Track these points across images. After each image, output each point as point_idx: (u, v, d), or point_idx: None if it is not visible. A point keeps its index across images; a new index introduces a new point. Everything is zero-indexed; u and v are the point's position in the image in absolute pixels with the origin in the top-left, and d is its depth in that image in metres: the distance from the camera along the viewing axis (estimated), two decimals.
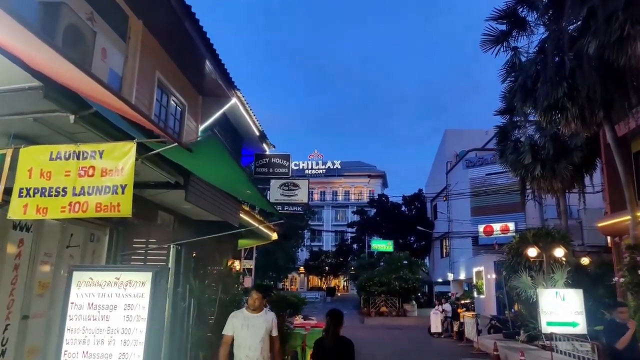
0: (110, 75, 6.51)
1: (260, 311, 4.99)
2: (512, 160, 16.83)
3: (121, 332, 3.32)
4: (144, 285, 3.39)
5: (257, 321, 4.87)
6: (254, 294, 5.05)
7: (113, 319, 3.36)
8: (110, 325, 3.35)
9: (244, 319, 4.89)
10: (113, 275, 3.48)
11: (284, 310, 10.94)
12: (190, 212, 9.78)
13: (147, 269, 3.64)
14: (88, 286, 3.43)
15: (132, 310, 3.36)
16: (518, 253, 15.14)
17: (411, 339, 18.18)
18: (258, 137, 14.74)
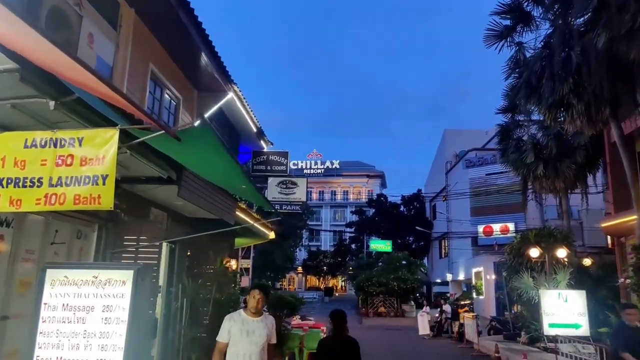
0: (100, 64, 6.21)
1: (260, 315, 4.33)
2: (514, 159, 16.56)
3: (99, 336, 3.02)
4: (124, 285, 3.09)
5: (257, 326, 4.21)
6: (255, 293, 4.29)
7: (90, 322, 3.05)
8: (86, 329, 3.04)
9: (243, 324, 4.18)
10: (90, 273, 3.18)
11: (282, 310, 10.64)
12: (184, 209, 9.49)
13: (128, 267, 3.33)
14: (63, 285, 3.13)
15: (111, 312, 3.05)
16: (519, 253, 14.88)
17: (410, 340, 17.90)
18: (255, 134, 14.44)
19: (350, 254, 52.22)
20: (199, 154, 4.45)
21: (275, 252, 43.60)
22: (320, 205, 67.61)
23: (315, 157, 68.26)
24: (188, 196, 7.78)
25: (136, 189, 7.71)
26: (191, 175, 7.81)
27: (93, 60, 5.76)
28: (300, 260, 55.92)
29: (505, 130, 17.28)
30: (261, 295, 4.32)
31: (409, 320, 26.30)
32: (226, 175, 5.26)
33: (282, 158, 14.99)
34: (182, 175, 7.41)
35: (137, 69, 8.22)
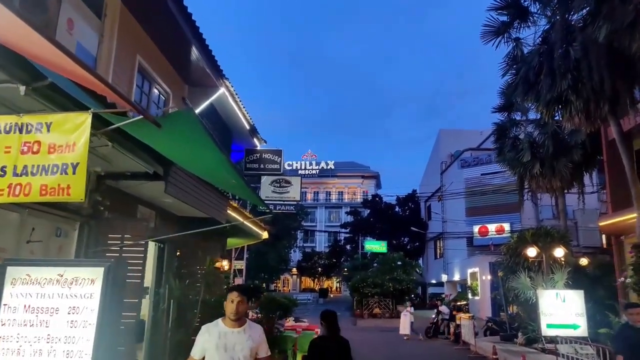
0: (82, 53, 5.90)
1: (243, 323, 3.51)
2: (510, 158, 16.35)
3: (64, 340, 2.72)
4: (93, 284, 2.79)
5: (238, 339, 3.41)
6: (233, 296, 3.45)
7: (54, 325, 2.75)
8: (50, 333, 2.74)
9: (220, 336, 3.39)
10: (55, 271, 2.87)
11: (274, 312, 10.35)
12: (173, 207, 9.19)
13: (98, 264, 3.03)
14: (24, 284, 2.82)
15: (78, 314, 2.75)
16: (516, 253, 14.67)
17: (405, 342, 17.64)
18: (248, 131, 14.14)
19: (345, 255, 51.95)
20: (184, 145, 4.14)
21: (269, 253, 43.27)
22: (315, 206, 67.29)
23: (310, 157, 68.00)
24: (176, 193, 7.48)
25: (121, 185, 7.41)
26: (179, 171, 7.51)
27: (72, 46, 5.45)
28: (294, 261, 55.60)
29: (501, 128, 17.07)
30: (241, 298, 3.45)
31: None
32: (214, 170, 4.95)
33: (275, 156, 14.70)
34: (170, 170, 7.11)
35: (123, 61, 7.91)
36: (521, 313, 14.97)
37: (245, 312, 3.55)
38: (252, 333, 3.51)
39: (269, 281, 54.66)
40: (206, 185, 8.69)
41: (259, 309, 10.65)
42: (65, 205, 6.22)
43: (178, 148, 4.16)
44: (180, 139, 3.90)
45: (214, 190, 9.27)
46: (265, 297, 10.34)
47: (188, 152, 4.26)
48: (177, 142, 4.02)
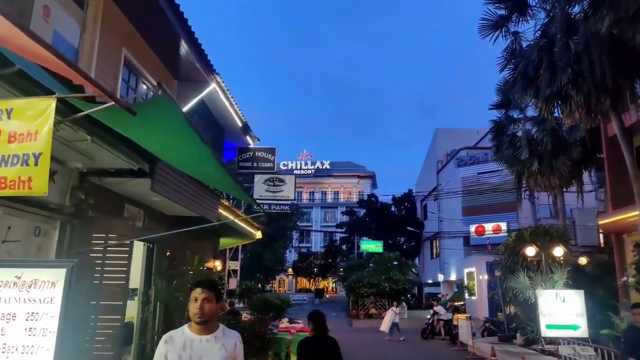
0: (61, 43, 5.58)
1: (214, 329, 2.82)
2: (508, 155, 16.12)
3: (21, 350, 2.42)
4: (54, 287, 2.49)
5: (207, 349, 2.73)
6: (197, 293, 2.76)
7: (10, 333, 2.45)
8: (6, 342, 2.44)
9: (185, 346, 2.72)
10: (12, 272, 2.57)
11: (267, 313, 10.04)
12: (162, 206, 8.86)
13: (59, 264, 2.73)
14: None
15: (37, 320, 2.45)
16: (515, 252, 14.43)
17: (403, 342, 17.37)
18: (241, 129, 13.82)
19: (340, 255, 51.68)
20: (164, 136, 3.83)
21: (264, 253, 42.98)
22: (310, 206, 66.99)
23: (306, 157, 67.73)
24: (163, 191, 7.17)
25: (106, 183, 7.09)
26: (166, 167, 7.19)
27: (48, 35, 5.14)
28: (290, 261, 55.30)
29: (499, 126, 16.84)
30: (207, 295, 2.73)
31: (400, 322, 25.77)
32: (198, 163, 4.65)
33: (269, 154, 14.39)
34: (156, 167, 6.79)
35: (108, 53, 7.59)
36: (519, 313, 14.74)
37: (215, 313, 2.82)
38: (227, 342, 2.80)
39: (265, 282, 54.35)
40: (196, 183, 8.39)
41: (252, 310, 10.34)
42: (45, 204, 5.91)
43: (157, 139, 3.85)
44: (159, 128, 3.59)
45: (204, 188, 8.97)
46: (257, 297, 10.02)
47: (169, 144, 3.95)
48: (156, 133, 3.71)
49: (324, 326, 4.67)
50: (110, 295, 6.36)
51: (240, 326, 9.99)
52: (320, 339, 4.62)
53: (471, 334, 14.28)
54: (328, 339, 4.61)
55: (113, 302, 6.41)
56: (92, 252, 6.64)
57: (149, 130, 3.66)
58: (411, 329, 21.91)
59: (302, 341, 4.78)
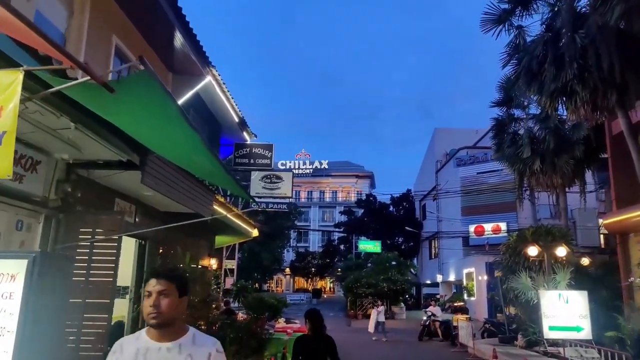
0: (46, 25, 5.27)
1: (179, 334, 2.09)
2: (509, 154, 15.85)
3: None
4: (13, 281, 2.19)
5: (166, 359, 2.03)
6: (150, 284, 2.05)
7: None
8: None
9: (137, 357, 2.03)
10: None
11: (263, 313, 9.74)
12: (155, 201, 8.56)
13: (20, 255, 2.43)
14: None
15: None
16: (516, 252, 14.17)
17: (400, 344, 17.08)
18: (237, 125, 13.52)
19: (338, 255, 51.37)
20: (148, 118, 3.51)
21: (262, 252, 42.65)
22: (308, 205, 66.68)
23: (304, 157, 67.43)
24: (154, 184, 6.86)
25: (94, 176, 6.79)
26: (157, 159, 6.89)
27: (30, 14, 4.83)
28: (287, 261, 54.99)
29: (500, 124, 16.57)
30: (165, 288, 2.03)
31: (398, 323, 25.54)
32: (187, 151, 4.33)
33: (266, 151, 14.09)
34: (146, 159, 6.49)
35: (97, 41, 7.28)
36: (520, 314, 14.46)
37: (178, 312, 2.07)
38: (196, 352, 2.06)
39: (262, 281, 53.99)
40: (189, 177, 8.09)
41: (247, 310, 10.04)
42: (28, 196, 5.61)
43: (139, 119, 3.54)
44: (142, 110, 3.28)
45: (198, 183, 8.67)
46: (253, 297, 9.71)
47: (153, 127, 3.64)
48: (139, 115, 3.40)
49: (320, 325, 4.66)
50: (98, 294, 6.07)
51: (236, 326, 9.69)
52: (317, 337, 4.62)
53: (472, 335, 13.99)
54: (325, 338, 4.62)
55: (100, 301, 6.11)
56: (79, 247, 6.35)
57: (132, 112, 3.35)
58: (409, 330, 21.64)
59: (299, 339, 4.77)
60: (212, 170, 4.71)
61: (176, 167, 7.60)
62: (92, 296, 6.07)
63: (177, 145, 4.04)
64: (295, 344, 4.67)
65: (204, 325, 9.18)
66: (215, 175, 5.14)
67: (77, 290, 6.14)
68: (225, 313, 11.89)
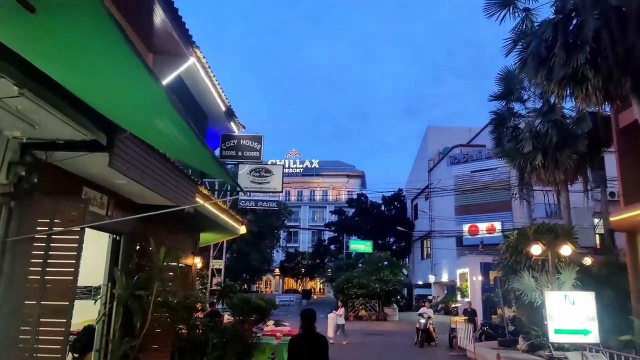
0: None
1: None
2: (509, 149, 15.18)
3: None
4: None
5: None
6: None
7: None
8: None
9: None
10: None
11: (249, 315, 8.92)
12: (131, 192, 7.71)
13: None
14: None
15: None
16: (517, 251, 13.48)
17: (395, 347, 16.33)
18: (224, 114, 12.68)
19: (329, 255, 50.63)
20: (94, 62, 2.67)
21: (251, 253, 41.79)
22: (298, 205, 65.91)
23: (294, 156, 66.65)
24: (125, 169, 6.02)
25: (55, 159, 5.94)
26: (130, 140, 6.06)
27: None
28: (277, 262, 54.14)
29: (499, 117, 15.90)
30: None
31: (391, 325, 24.82)
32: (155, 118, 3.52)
33: (255, 143, 13.26)
34: (116, 139, 5.67)
35: None
36: (521, 316, 13.77)
37: None
38: None
39: (251, 282, 53.02)
40: (168, 163, 7.25)
41: (231, 312, 9.22)
42: None
43: (81, 65, 2.70)
44: (82, 48, 2.45)
45: (179, 171, 7.84)
46: (238, 298, 8.89)
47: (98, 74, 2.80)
48: (76, 54, 2.56)
49: (312, 324, 4.79)
50: (55, 295, 5.23)
51: (220, 329, 8.86)
52: (309, 336, 4.75)
53: (472, 338, 13.28)
54: (317, 337, 4.75)
55: (58, 303, 5.27)
56: (35, 240, 5.51)
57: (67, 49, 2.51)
58: (403, 332, 20.92)
59: (292, 339, 4.93)
60: (187, 145, 3.90)
61: (153, 151, 6.76)
62: (49, 298, 5.24)
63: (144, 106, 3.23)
64: (289, 344, 4.81)
65: (185, 329, 8.34)
66: (192, 152, 4.34)
67: (31, 291, 5.31)
68: (210, 315, 11.05)
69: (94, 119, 5.16)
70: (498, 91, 15.87)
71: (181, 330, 8.04)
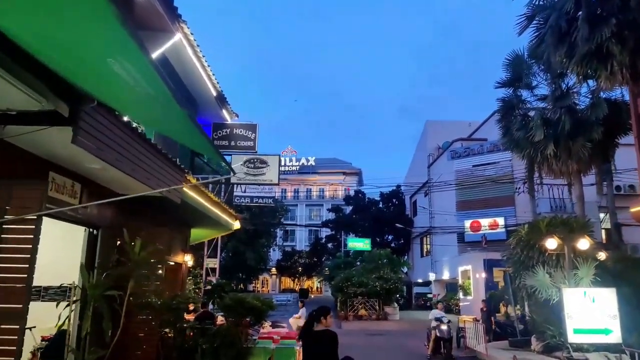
0: None
1: None
2: (518, 138, 14.35)
3: None
4: None
5: None
6: None
7: None
8: None
9: None
10: None
11: (243, 317, 8.04)
12: (109, 180, 6.81)
13: None
14: None
15: None
16: (529, 245, 12.65)
17: (397, 348, 15.48)
18: (215, 100, 11.77)
19: (326, 253, 49.73)
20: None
21: (247, 252, 40.82)
22: (295, 203, 64.93)
23: (290, 153, 65.62)
24: (95, 148, 5.16)
25: (8, 134, 5.06)
26: (101, 114, 5.21)
27: None
28: (274, 261, 53.21)
29: (507, 105, 15.07)
30: None
31: (392, 324, 23.98)
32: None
33: (249, 132, 12.37)
34: (81, 110, 4.80)
35: None
36: (533, 315, 12.94)
37: None
38: None
39: (247, 281, 52.06)
40: (148, 145, 6.36)
41: (224, 313, 8.33)
42: None
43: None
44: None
45: (162, 156, 6.96)
46: (231, 298, 8.00)
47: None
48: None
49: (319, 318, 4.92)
50: (5, 296, 4.33)
51: (212, 332, 7.96)
52: (321, 331, 4.91)
53: (484, 338, 12.43)
54: (326, 332, 4.90)
55: (8, 306, 4.37)
56: None
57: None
58: (406, 332, 20.08)
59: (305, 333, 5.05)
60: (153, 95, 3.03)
61: (129, 129, 5.87)
62: None
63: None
64: (302, 338, 5.03)
65: (171, 332, 7.45)
66: (164, 111, 3.47)
67: None
68: (202, 317, 10.16)
69: (51, 84, 4.29)
70: (505, 77, 15.05)
71: (167, 335, 7.16)
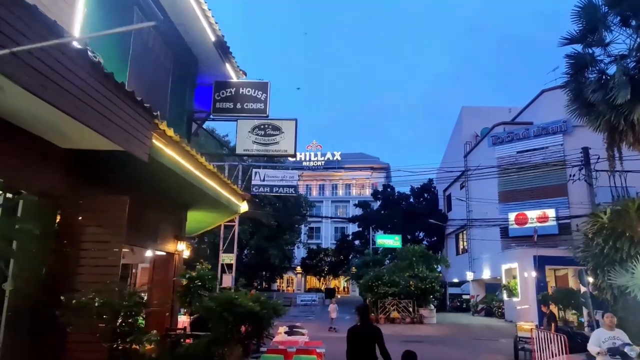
0: None
1: None
2: (595, 101, 11.49)
3: None
4: None
5: None
6: None
7: None
8: None
9: None
10: None
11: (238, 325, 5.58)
12: (32, 120, 4.53)
13: None
14: None
15: None
16: (616, 235, 9.86)
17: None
18: (216, 49, 9.41)
19: (353, 251, 47.16)
20: None
21: (270, 249, 38.70)
22: (320, 200, 62.56)
23: (315, 148, 63.04)
24: None
25: None
26: None
27: None
28: (298, 259, 50.99)
29: (578, 62, 12.21)
30: None
31: (430, 329, 21.23)
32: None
33: (259, 92, 9.96)
34: None
35: None
36: (626, 322, 10.12)
37: None
38: None
39: (272, 280, 49.96)
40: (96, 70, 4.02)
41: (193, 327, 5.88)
42: None
43: None
44: None
45: (118, 88, 4.63)
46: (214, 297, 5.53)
47: None
48: None
49: (366, 317, 5.52)
50: None
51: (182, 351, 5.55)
52: (366, 328, 5.36)
53: (566, 351, 9.65)
54: (373, 329, 5.37)
55: None
56: None
57: None
58: (446, 338, 17.32)
59: (350, 329, 5.40)
60: None
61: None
62: None
63: None
64: (348, 333, 5.37)
65: (121, 345, 5.06)
66: None
67: None
68: (197, 323, 7.82)
69: None
70: (575, 31, 12.21)
71: (117, 348, 4.76)
